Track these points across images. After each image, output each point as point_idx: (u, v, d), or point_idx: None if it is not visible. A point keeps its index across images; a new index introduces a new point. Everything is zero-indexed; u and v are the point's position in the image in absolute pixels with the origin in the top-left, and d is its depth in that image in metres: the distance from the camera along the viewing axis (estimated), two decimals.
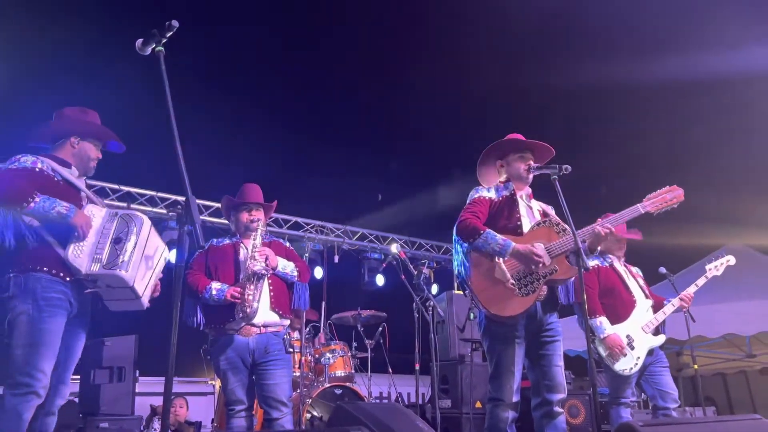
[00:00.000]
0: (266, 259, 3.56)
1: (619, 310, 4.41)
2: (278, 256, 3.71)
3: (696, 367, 5.60)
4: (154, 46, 2.21)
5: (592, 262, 4.52)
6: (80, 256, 2.81)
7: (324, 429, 3.79)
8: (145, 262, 2.96)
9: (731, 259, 4.97)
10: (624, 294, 4.51)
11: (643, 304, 4.54)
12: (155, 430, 5.40)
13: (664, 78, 7.54)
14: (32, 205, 2.73)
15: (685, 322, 5.58)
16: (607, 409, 4.52)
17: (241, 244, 3.77)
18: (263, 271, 3.54)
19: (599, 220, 3.32)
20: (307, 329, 5.70)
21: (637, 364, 4.32)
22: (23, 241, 2.80)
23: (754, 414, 1.96)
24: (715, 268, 4.93)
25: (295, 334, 5.10)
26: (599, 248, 3.56)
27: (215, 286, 3.56)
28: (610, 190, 7.59)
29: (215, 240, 3.88)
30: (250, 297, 3.46)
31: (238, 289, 3.49)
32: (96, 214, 2.95)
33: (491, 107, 8.79)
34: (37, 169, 2.90)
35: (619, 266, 4.65)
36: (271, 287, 3.63)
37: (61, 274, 2.82)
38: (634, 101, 8.22)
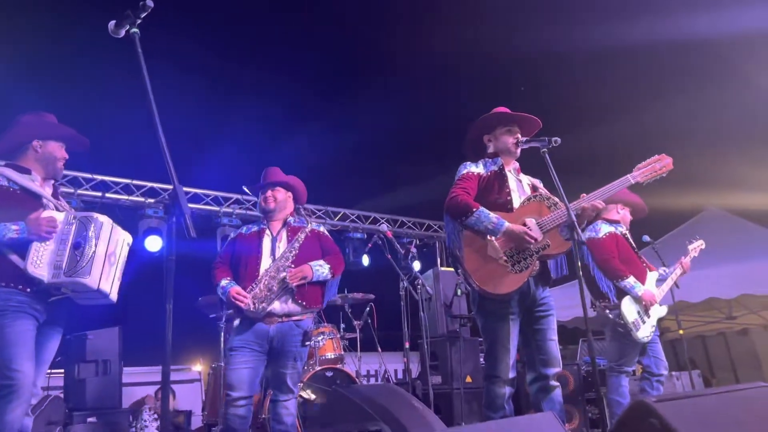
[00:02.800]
0: (303, 278, 3.50)
1: (637, 278, 4.48)
2: (313, 247, 3.66)
3: (681, 332, 5.68)
4: (128, 27, 2.08)
5: (606, 229, 4.54)
6: (40, 266, 2.77)
7: (344, 426, 3.76)
8: (108, 260, 2.92)
9: (702, 244, 5.18)
10: (638, 263, 4.60)
11: (652, 274, 4.61)
12: (144, 421, 5.33)
13: (640, 41, 7.50)
14: None
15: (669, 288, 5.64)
16: (606, 377, 4.55)
17: (266, 231, 3.70)
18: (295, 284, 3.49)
19: (583, 195, 3.29)
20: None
21: (651, 332, 4.41)
22: None
23: (759, 382, 1.96)
24: (693, 250, 5.03)
25: None
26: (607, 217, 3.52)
27: (222, 283, 3.52)
28: (592, 160, 7.60)
29: (245, 228, 3.84)
30: (260, 296, 3.42)
31: (241, 292, 3.42)
32: (56, 219, 2.88)
33: (469, 78, 8.71)
34: None
35: (629, 236, 4.72)
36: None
37: (20, 287, 2.78)
38: (612, 66, 8.18)
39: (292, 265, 3.52)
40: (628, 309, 4.34)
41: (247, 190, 4.05)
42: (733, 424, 1.67)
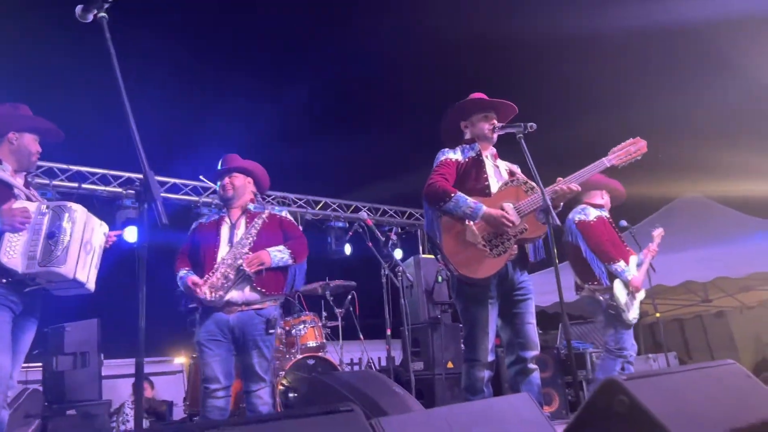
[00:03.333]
0: (261, 264, 3.40)
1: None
2: (273, 233, 3.57)
3: (658, 315, 5.78)
4: (96, 12, 2.04)
5: (595, 212, 4.59)
6: (14, 256, 2.73)
7: (315, 408, 3.73)
8: (84, 249, 2.89)
9: (662, 231, 5.27)
10: (623, 247, 4.64)
11: (633, 258, 4.67)
12: (126, 415, 5.31)
13: (619, 27, 7.54)
14: None
15: (646, 272, 5.73)
16: (602, 359, 4.58)
17: (225, 219, 3.63)
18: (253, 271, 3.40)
19: (559, 179, 3.32)
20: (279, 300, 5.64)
21: (638, 313, 4.47)
22: None
23: (728, 359, 2.00)
24: (657, 236, 5.14)
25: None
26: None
27: (180, 273, 3.47)
28: (571, 144, 7.64)
29: (205, 217, 3.77)
30: (217, 285, 3.36)
31: (197, 281, 3.35)
32: (29, 209, 2.84)
33: (452, 64, 8.70)
34: None
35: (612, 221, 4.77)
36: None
37: None
38: (592, 51, 8.22)
39: (250, 252, 3.43)
40: (620, 292, 4.40)
41: (204, 179, 3.98)
42: (701, 399, 1.72)
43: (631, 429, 1.60)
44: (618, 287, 4.40)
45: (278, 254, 3.48)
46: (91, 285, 2.97)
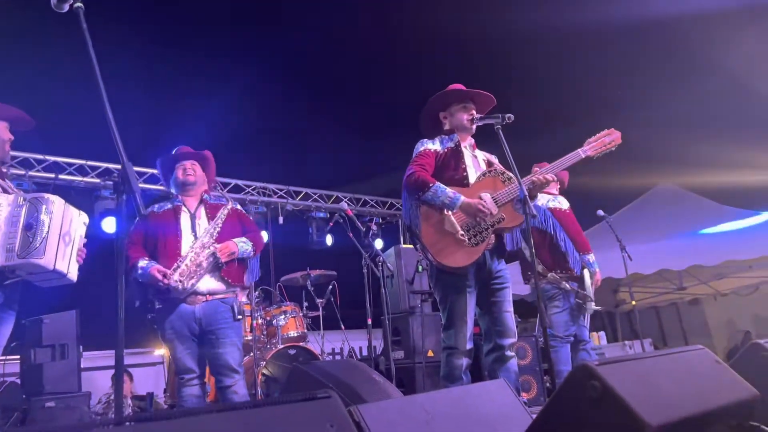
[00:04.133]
0: (231, 254, 3.44)
1: None
2: (233, 225, 3.58)
3: (634, 303, 5.90)
4: (71, 2, 2.02)
5: (566, 202, 4.68)
6: None
7: (292, 396, 3.74)
8: (63, 240, 2.86)
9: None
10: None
11: None
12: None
13: (599, 21, 7.60)
14: None
15: (622, 261, 5.84)
16: (554, 350, 4.66)
17: (182, 208, 3.57)
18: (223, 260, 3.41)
19: (535, 168, 3.37)
20: (257, 292, 5.65)
21: None
22: None
23: (697, 345, 2.06)
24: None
25: (244, 298, 5.01)
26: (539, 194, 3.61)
27: (140, 264, 3.35)
28: (549, 136, 7.71)
29: (156, 206, 3.63)
30: (188, 273, 3.32)
31: (164, 270, 3.29)
32: (2, 203, 2.81)
33: (429, 55, 8.70)
34: None
35: None
36: None
37: None
38: (569, 45, 8.28)
39: (216, 243, 3.44)
40: (588, 281, 4.49)
41: (155, 172, 3.91)
42: (671, 383, 1.77)
43: (602, 413, 1.64)
44: (587, 277, 4.49)
45: (243, 245, 3.53)
46: (73, 275, 2.93)
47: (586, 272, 4.51)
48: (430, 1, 7.96)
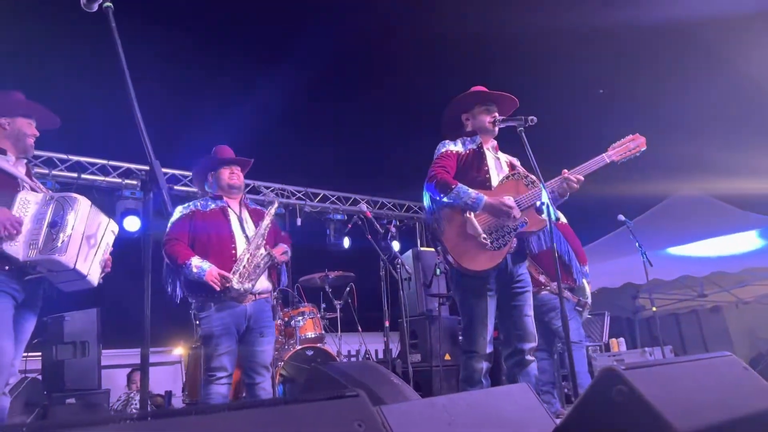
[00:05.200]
0: (285, 253, 3.66)
1: None
2: (271, 230, 3.71)
3: (654, 309, 5.83)
4: (101, 1, 2.04)
5: (564, 219, 4.72)
6: (15, 244, 2.74)
7: (322, 393, 3.79)
8: (87, 241, 2.89)
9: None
10: None
11: None
12: (137, 403, 5.35)
13: (617, 23, 7.53)
14: None
15: (643, 267, 5.78)
16: (574, 353, 4.74)
17: (228, 209, 3.64)
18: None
19: (564, 171, 3.34)
20: (275, 293, 5.66)
21: None
22: None
23: (724, 351, 2.02)
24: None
25: None
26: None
27: (195, 262, 3.35)
28: (569, 139, 7.64)
29: (199, 203, 3.65)
30: (247, 275, 3.41)
31: (223, 274, 3.33)
32: (30, 200, 2.86)
33: (449, 58, 8.67)
34: None
35: None
36: None
37: None
38: (590, 47, 8.20)
39: (266, 245, 3.56)
40: (588, 291, 4.74)
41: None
42: (698, 390, 1.74)
43: (629, 418, 1.62)
44: (587, 287, 4.77)
45: (287, 249, 3.74)
46: (94, 278, 2.94)
47: (585, 282, 4.74)
48: (456, 4, 7.93)
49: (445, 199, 3.16)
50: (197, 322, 3.52)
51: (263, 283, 3.54)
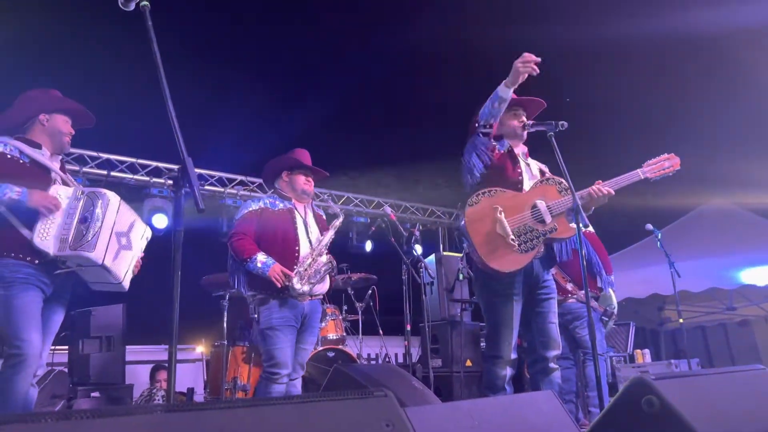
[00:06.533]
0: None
1: None
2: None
3: (681, 320, 5.73)
4: (138, 0, 2.07)
5: (592, 228, 4.71)
6: (47, 238, 2.79)
7: (352, 392, 3.85)
8: (117, 239, 2.93)
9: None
10: None
11: None
12: (161, 399, 5.42)
13: (643, 35, 7.45)
14: None
15: (670, 277, 5.69)
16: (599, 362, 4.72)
17: (295, 211, 3.71)
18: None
19: (598, 182, 3.30)
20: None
21: None
22: None
23: (757, 364, 1.98)
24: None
25: None
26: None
27: (260, 258, 3.45)
28: (599, 151, 7.58)
29: (268, 201, 3.72)
30: (306, 277, 3.49)
31: (287, 272, 3.43)
32: (62, 194, 2.90)
33: (479, 67, 8.65)
34: None
35: None
36: None
37: (28, 258, 2.80)
38: (620, 61, 8.13)
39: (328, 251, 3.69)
40: (615, 301, 4.76)
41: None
42: (730, 402, 1.70)
43: (658, 429, 1.59)
44: (613, 297, 4.73)
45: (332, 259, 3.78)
46: (120, 275, 2.96)
47: (611, 292, 4.72)
48: (489, 16, 7.91)
49: (483, 130, 3.22)
50: (255, 316, 3.54)
51: (322, 286, 3.65)
